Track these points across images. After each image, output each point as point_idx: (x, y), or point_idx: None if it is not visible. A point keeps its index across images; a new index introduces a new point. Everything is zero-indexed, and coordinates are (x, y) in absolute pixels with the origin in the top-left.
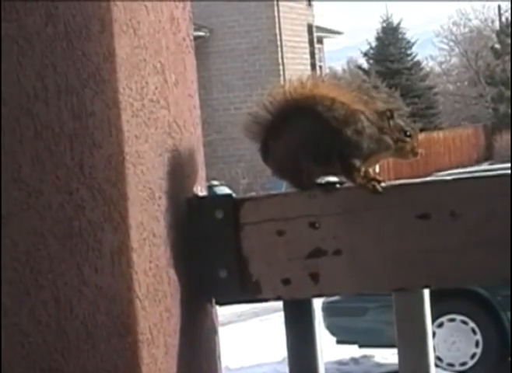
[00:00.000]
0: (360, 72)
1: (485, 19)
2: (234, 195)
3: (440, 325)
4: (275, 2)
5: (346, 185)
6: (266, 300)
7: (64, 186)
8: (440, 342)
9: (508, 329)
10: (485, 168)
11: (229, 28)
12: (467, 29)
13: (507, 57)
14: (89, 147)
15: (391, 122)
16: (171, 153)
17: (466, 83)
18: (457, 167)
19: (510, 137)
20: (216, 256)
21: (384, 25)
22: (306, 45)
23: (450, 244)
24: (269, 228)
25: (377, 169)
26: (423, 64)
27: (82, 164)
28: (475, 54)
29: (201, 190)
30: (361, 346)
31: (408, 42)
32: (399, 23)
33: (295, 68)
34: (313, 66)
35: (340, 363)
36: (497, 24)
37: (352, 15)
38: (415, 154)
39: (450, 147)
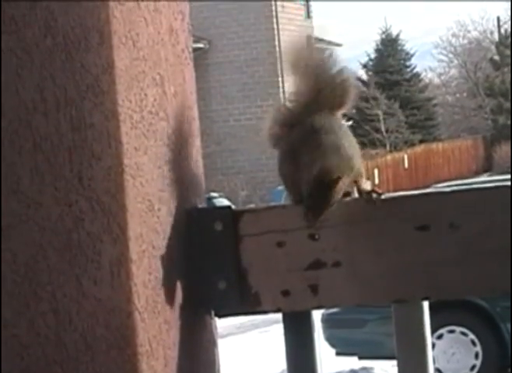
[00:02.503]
0: (359, 84)
1: (484, 31)
2: (233, 207)
3: (440, 336)
4: (274, 14)
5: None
6: (265, 312)
7: (64, 197)
8: (439, 353)
9: (508, 340)
10: (484, 179)
11: (228, 40)
12: (466, 41)
13: (506, 69)
14: (88, 159)
15: None
16: (170, 165)
17: (465, 94)
18: (457, 178)
19: (509, 148)
20: (215, 267)
21: (383, 36)
22: None
23: (449, 256)
24: (269, 239)
25: (376, 181)
26: (422, 75)
27: (81, 176)
28: (474, 65)
29: (200, 202)
30: (360, 358)
31: (407, 53)
32: (398, 35)
33: None
34: None
35: None
36: (496, 35)
37: (352, 27)
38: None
39: (450, 158)
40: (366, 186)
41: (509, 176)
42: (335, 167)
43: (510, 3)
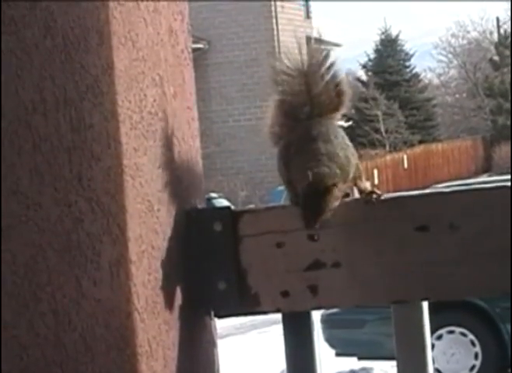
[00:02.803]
0: (359, 84)
1: (484, 31)
2: (233, 207)
3: (439, 337)
4: (274, 14)
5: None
6: (265, 312)
7: (63, 198)
8: (439, 354)
9: (507, 341)
10: (483, 180)
11: (227, 40)
12: (465, 41)
13: (506, 69)
14: (87, 159)
15: None
16: (170, 165)
17: (465, 95)
18: (456, 179)
19: (508, 148)
20: (215, 268)
21: (383, 37)
22: None
23: (448, 256)
24: (268, 240)
25: (376, 182)
26: (422, 76)
27: (80, 176)
28: (473, 65)
29: (199, 203)
30: (360, 358)
31: (407, 54)
32: (397, 35)
33: None
34: None
35: None
36: (496, 36)
37: (351, 27)
38: None
39: (449, 159)
40: (367, 186)
41: (508, 177)
42: (330, 174)
43: (509, 3)
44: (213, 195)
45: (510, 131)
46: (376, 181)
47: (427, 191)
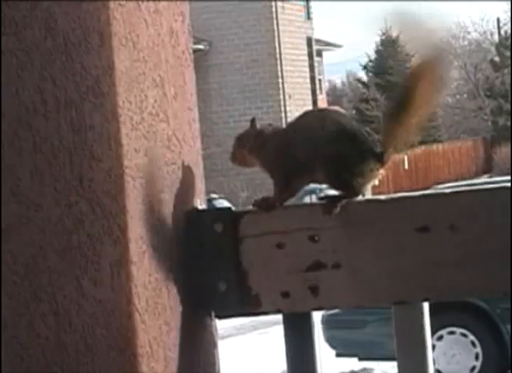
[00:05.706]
0: (359, 85)
1: (484, 32)
2: (233, 208)
3: (440, 338)
4: (274, 15)
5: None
6: (265, 313)
7: (64, 199)
8: (439, 355)
9: (508, 341)
10: (484, 180)
11: (228, 41)
12: (466, 42)
13: (506, 70)
14: (88, 160)
15: None
16: (170, 166)
17: (465, 96)
18: (457, 180)
19: (508, 149)
20: (216, 269)
21: (383, 38)
22: (306, 58)
23: (449, 257)
24: (269, 241)
25: (376, 182)
26: None
27: (81, 177)
28: (474, 66)
29: (200, 204)
30: (361, 359)
31: (407, 54)
32: (398, 36)
33: (294, 81)
34: (312, 79)
35: None
36: (496, 37)
37: (352, 27)
38: None
39: (450, 160)
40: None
41: (508, 178)
42: None
43: (509, 4)
44: (214, 196)
45: (510, 132)
46: (376, 182)
47: (428, 192)
